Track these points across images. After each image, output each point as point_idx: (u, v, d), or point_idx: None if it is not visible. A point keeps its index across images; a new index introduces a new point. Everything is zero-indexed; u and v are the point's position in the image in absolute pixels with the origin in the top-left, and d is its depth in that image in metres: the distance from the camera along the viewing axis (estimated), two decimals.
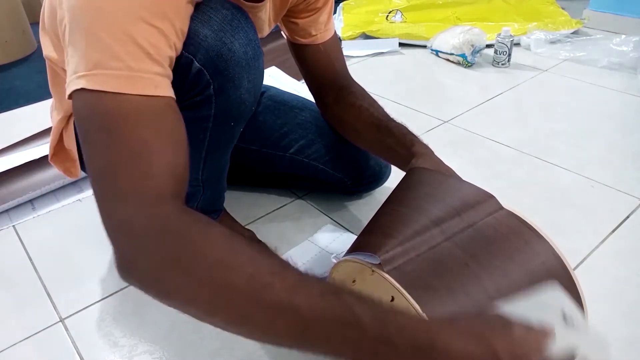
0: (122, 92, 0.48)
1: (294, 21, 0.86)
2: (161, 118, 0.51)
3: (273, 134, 0.98)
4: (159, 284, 0.46)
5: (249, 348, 0.75)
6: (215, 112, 0.68)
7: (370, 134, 0.85)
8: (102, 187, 0.49)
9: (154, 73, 0.50)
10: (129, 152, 0.48)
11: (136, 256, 0.46)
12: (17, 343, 0.78)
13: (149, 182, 0.48)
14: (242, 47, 0.65)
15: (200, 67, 0.62)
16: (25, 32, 2.08)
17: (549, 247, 0.57)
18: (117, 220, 0.47)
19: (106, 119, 0.49)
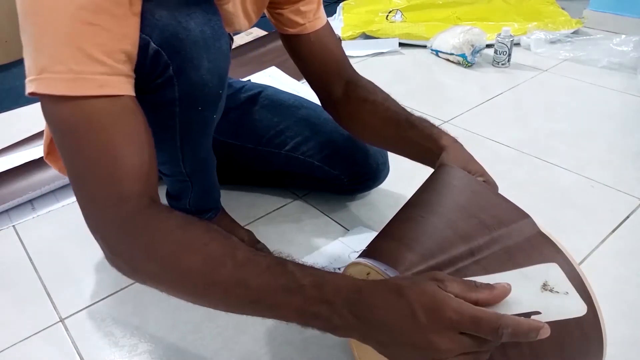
0: (68, 94, 0.50)
1: (279, 12, 0.83)
2: (118, 119, 0.53)
3: (269, 131, 0.98)
4: (135, 273, 0.54)
5: (249, 348, 0.75)
6: (180, 94, 0.68)
7: (390, 129, 0.80)
8: (76, 190, 0.55)
9: (98, 73, 0.51)
10: (90, 158, 0.52)
11: (112, 250, 0.53)
12: (17, 343, 0.78)
13: (112, 186, 0.52)
14: (199, 25, 0.64)
15: (157, 47, 0.62)
16: None
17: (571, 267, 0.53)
18: (93, 220, 0.54)
19: (64, 126, 0.52)
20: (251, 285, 0.48)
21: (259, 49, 1.77)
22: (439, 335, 0.43)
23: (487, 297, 0.45)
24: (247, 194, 1.09)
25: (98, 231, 0.53)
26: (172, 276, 0.51)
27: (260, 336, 0.77)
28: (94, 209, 0.53)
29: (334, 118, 0.92)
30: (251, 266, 0.49)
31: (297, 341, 0.75)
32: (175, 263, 0.50)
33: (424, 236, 0.55)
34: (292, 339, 0.76)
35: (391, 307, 0.44)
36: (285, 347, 0.75)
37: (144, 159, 0.54)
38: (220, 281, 0.49)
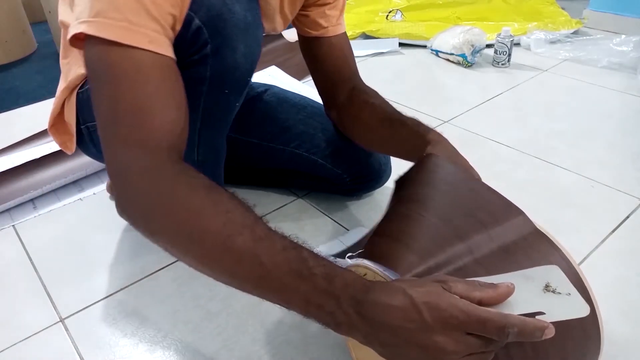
0: (118, 41, 0.51)
1: (305, 14, 0.86)
2: (160, 73, 0.54)
3: (274, 128, 0.99)
4: (146, 224, 0.53)
5: (249, 348, 0.75)
6: (211, 74, 0.69)
7: (384, 129, 0.83)
8: (107, 133, 0.54)
9: (151, 29, 0.53)
10: (130, 104, 0.52)
11: (129, 197, 0.52)
12: (17, 343, 0.78)
13: (148, 133, 0.52)
14: (243, 10, 0.67)
15: (200, 24, 0.64)
16: (25, 32, 2.08)
17: (568, 263, 0.54)
18: (118, 163, 0.53)
19: (109, 70, 0.53)
20: (263, 262, 0.47)
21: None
22: (445, 336, 0.42)
23: (491, 296, 0.45)
24: (247, 193, 1.09)
25: (122, 174, 0.52)
26: (187, 234, 0.50)
27: (260, 336, 0.77)
28: (123, 153, 0.52)
29: (335, 121, 0.95)
30: (267, 243, 0.48)
31: (297, 341, 0.76)
32: (195, 220, 0.49)
33: (423, 235, 0.55)
34: (292, 339, 0.76)
35: (396, 308, 0.44)
36: (285, 347, 0.75)
37: (181, 117, 0.55)
38: (235, 250, 0.48)
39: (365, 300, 0.45)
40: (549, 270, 0.50)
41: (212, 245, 0.49)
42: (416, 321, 0.43)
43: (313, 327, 0.77)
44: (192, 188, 0.51)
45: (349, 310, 0.45)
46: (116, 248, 0.96)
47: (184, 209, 0.50)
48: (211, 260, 0.50)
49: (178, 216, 0.50)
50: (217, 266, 0.50)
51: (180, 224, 0.50)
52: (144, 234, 0.53)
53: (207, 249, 0.49)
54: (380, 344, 0.46)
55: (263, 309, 0.81)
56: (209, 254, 0.49)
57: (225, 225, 0.49)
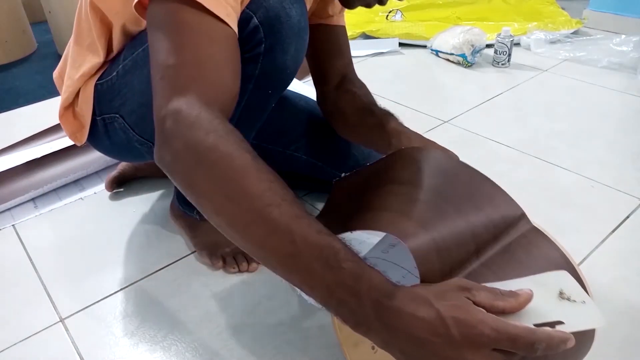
0: (202, 3, 0.54)
1: None
2: (227, 43, 0.57)
3: (274, 130, 0.99)
4: (187, 173, 0.51)
5: (249, 348, 0.75)
6: (259, 72, 0.71)
7: (354, 117, 0.87)
8: (166, 78, 0.54)
9: (229, 4, 0.57)
10: (194, 59, 0.54)
11: (175, 143, 0.51)
12: (17, 343, 0.78)
13: (207, 87, 0.54)
14: (298, 15, 0.69)
15: (258, 23, 0.66)
16: (25, 32, 2.08)
17: (566, 259, 0.55)
18: (172, 108, 0.52)
19: (183, 25, 0.55)
20: (296, 240, 0.46)
21: None
22: (473, 352, 0.42)
23: (512, 306, 0.44)
24: None
25: (170, 120, 0.51)
26: (227, 191, 0.48)
27: (260, 336, 0.77)
28: (179, 99, 0.52)
29: (320, 106, 0.96)
30: (304, 222, 0.47)
31: (297, 341, 0.76)
32: (237, 180, 0.48)
33: (440, 223, 0.54)
34: (292, 339, 0.76)
35: (422, 319, 0.43)
36: (285, 347, 0.75)
37: (236, 85, 0.58)
38: (270, 219, 0.46)
39: (389, 307, 0.44)
40: (560, 276, 0.49)
41: (248, 209, 0.47)
42: (443, 336, 0.42)
43: (313, 327, 0.77)
44: (240, 148, 0.50)
45: (371, 313, 0.44)
46: (116, 248, 0.96)
47: (230, 165, 0.49)
48: (243, 224, 0.48)
49: (222, 171, 0.49)
50: (248, 231, 0.48)
51: (222, 179, 0.49)
52: (180, 184, 0.52)
53: (243, 211, 0.48)
54: (402, 352, 0.45)
55: (263, 309, 0.81)
56: (243, 216, 0.48)
57: (266, 193, 0.48)
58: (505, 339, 0.42)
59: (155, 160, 0.54)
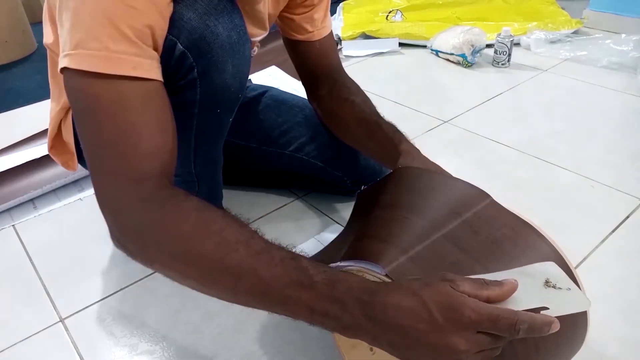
0: (101, 71, 0.50)
1: (290, 17, 0.86)
2: (145, 100, 0.53)
3: (273, 131, 0.99)
4: (141, 254, 0.53)
5: (249, 348, 0.75)
6: (201, 97, 0.68)
7: (359, 129, 0.85)
8: (93, 166, 0.54)
9: (132, 54, 0.52)
10: (114, 135, 0.52)
11: (122, 230, 0.53)
12: (17, 343, 0.78)
13: (134, 162, 0.52)
14: (226, 30, 0.65)
15: (184, 49, 0.62)
16: (25, 32, 2.08)
17: (553, 249, 0.56)
18: (105, 196, 0.53)
19: (92, 102, 0.52)
20: (262, 276, 0.47)
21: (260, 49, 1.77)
22: (457, 335, 0.43)
23: (497, 294, 0.45)
24: (247, 193, 1.09)
25: (111, 207, 0.53)
26: (183, 258, 0.50)
27: (260, 336, 0.77)
28: (111, 184, 0.52)
29: (315, 111, 0.96)
30: (264, 256, 0.48)
31: (297, 341, 0.75)
32: (188, 245, 0.49)
33: (406, 233, 0.57)
34: (292, 339, 0.76)
35: (406, 308, 0.44)
36: (285, 347, 0.75)
37: (168, 142, 0.55)
38: (232, 267, 0.48)
39: (373, 302, 0.45)
40: (547, 266, 0.51)
41: (208, 266, 0.49)
42: (427, 321, 0.43)
43: (313, 328, 0.77)
44: (182, 213, 0.51)
45: (356, 312, 0.45)
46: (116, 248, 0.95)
47: (176, 235, 0.50)
48: (211, 281, 0.50)
49: (171, 243, 0.50)
50: (217, 286, 0.50)
51: (174, 250, 0.50)
52: (143, 264, 0.54)
53: (205, 270, 0.49)
54: (390, 345, 0.46)
55: None
56: (207, 275, 0.50)
57: (220, 245, 0.49)
58: (486, 320, 0.43)
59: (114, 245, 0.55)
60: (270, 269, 0.47)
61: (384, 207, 0.64)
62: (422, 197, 0.63)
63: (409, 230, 0.57)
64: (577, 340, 0.56)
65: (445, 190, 0.64)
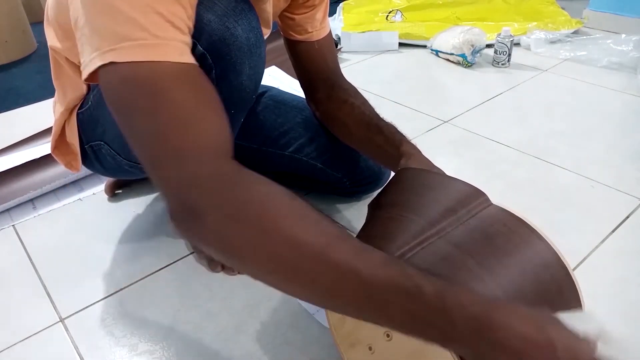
0: (151, 59, 0.48)
1: (291, 17, 0.86)
2: (196, 83, 0.52)
3: (273, 132, 0.99)
4: (222, 238, 0.46)
5: (249, 348, 0.75)
6: None
7: (360, 131, 0.86)
8: (156, 150, 0.49)
9: (179, 41, 0.51)
10: (173, 115, 0.48)
11: (203, 209, 0.46)
12: (17, 343, 0.78)
13: (205, 140, 0.49)
14: (245, 32, 0.66)
15: (203, 51, 0.63)
16: (25, 32, 2.08)
17: (546, 244, 0.57)
18: (182, 177, 0.47)
19: (147, 86, 0.49)
20: (365, 277, 0.43)
21: None
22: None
23: None
24: None
25: (189, 186, 0.47)
26: (277, 244, 0.44)
27: (260, 336, 0.77)
28: (181, 167, 0.47)
29: (314, 114, 0.97)
30: (367, 255, 0.44)
31: (297, 341, 0.75)
32: (286, 230, 0.44)
33: (395, 229, 0.58)
34: (292, 339, 0.76)
35: (531, 337, 0.41)
36: (285, 347, 0.75)
37: (225, 121, 0.52)
38: (334, 263, 0.43)
39: (491, 323, 0.42)
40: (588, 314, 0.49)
41: (307, 257, 0.44)
42: (548, 357, 0.41)
43: (313, 327, 0.77)
44: (274, 195, 0.47)
45: (466, 328, 0.42)
46: (116, 248, 0.96)
47: (272, 217, 0.45)
48: (305, 276, 0.45)
49: (265, 226, 0.44)
50: (311, 282, 0.45)
51: (267, 234, 0.44)
52: (219, 251, 0.48)
53: (301, 262, 0.44)
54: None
55: (263, 309, 0.81)
56: (302, 268, 0.44)
57: (321, 236, 0.44)
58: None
59: (181, 235, 0.50)
60: (373, 271, 0.43)
61: (384, 207, 0.65)
62: (419, 195, 0.64)
63: (404, 227, 0.58)
64: None
65: (442, 188, 0.64)
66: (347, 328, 0.64)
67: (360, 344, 0.63)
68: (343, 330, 0.65)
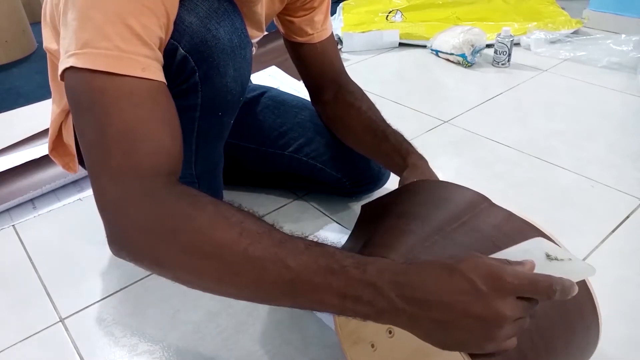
0: (110, 71, 0.49)
1: (290, 19, 0.86)
2: (153, 99, 0.52)
3: (272, 132, 0.99)
4: (150, 254, 0.48)
5: (249, 348, 0.75)
6: (202, 100, 0.68)
7: (367, 137, 0.86)
8: (95, 164, 0.50)
9: (142, 55, 0.51)
10: (121, 131, 0.49)
11: (128, 228, 0.48)
12: (17, 343, 0.78)
13: (141, 159, 0.49)
14: (227, 34, 0.65)
15: (185, 53, 0.62)
16: (25, 32, 2.08)
17: None
18: (111, 195, 0.49)
19: (98, 98, 0.49)
20: (290, 264, 0.44)
21: (259, 49, 1.77)
22: (503, 301, 0.42)
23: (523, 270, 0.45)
24: (247, 193, 1.09)
25: (114, 205, 0.48)
26: (199, 253, 0.46)
27: (260, 336, 0.77)
28: (116, 182, 0.48)
29: (320, 116, 0.97)
30: (289, 244, 0.46)
31: (297, 341, 0.75)
32: (206, 237, 0.46)
33: (400, 235, 0.58)
34: (292, 339, 0.76)
35: (447, 283, 0.43)
36: (285, 347, 0.75)
37: (175, 141, 0.53)
38: (257, 258, 0.45)
39: (409, 282, 0.44)
40: (540, 242, 0.52)
41: (231, 257, 0.45)
42: (471, 292, 0.43)
43: (313, 327, 0.77)
44: (197, 207, 0.48)
45: (391, 294, 0.44)
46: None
47: (192, 228, 0.46)
48: (233, 275, 0.46)
49: (186, 237, 0.46)
50: (239, 280, 0.46)
51: (189, 244, 0.46)
52: (150, 267, 0.49)
53: (227, 263, 0.46)
54: (431, 322, 0.44)
55: (263, 309, 0.81)
56: (229, 268, 0.46)
57: (242, 235, 0.46)
58: (527, 284, 0.43)
59: (115, 255, 0.50)
60: (297, 257, 0.45)
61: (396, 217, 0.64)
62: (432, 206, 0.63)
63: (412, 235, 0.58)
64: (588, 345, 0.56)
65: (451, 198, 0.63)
66: (351, 326, 0.64)
67: (363, 341, 0.63)
68: (348, 328, 0.65)
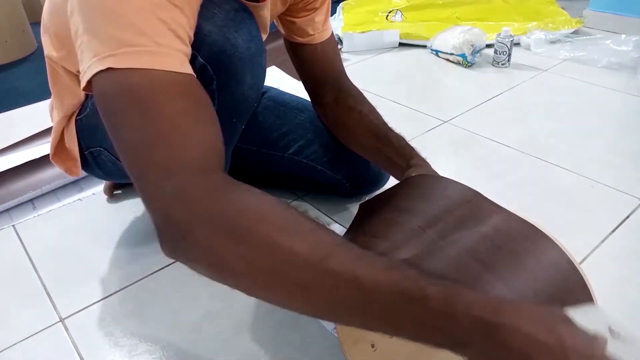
0: (151, 67, 0.47)
1: (292, 20, 0.86)
2: (193, 94, 0.51)
3: (272, 134, 0.98)
4: (214, 254, 0.44)
5: (249, 348, 0.75)
6: (218, 108, 0.68)
7: (369, 141, 0.86)
8: (143, 161, 0.47)
9: (179, 50, 0.50)
10: (168, 125, 0.47)
11: (192, 224, 0.44)
12: (17, 343, 0.78)
13: (194, 152, 0.47)
14: (245, 42, 0.65)
15: (204, 62, 0.62)
16: (25, 32, 2.08)
17: (553, 243, 0.56)
18: (169, 190, 0.45)
19: (140, 95, 0.47)
20: (365, 284, 0.41)
21: None
22: None
23: None
24: None
25: (175, 200, 0.45)
26: (270, 256, 0.42)
27: (260, 336, 0.77)
28: (168, 180, 0.45)
29: (321, 118, 0.97)
30: (366, 261, 0.42)
31: (297, 341, 0.75)
32: (279, 241, 0.42)
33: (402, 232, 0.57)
34: (292, 339, 0.76)
35: (540, 341, 0.40)
36: (285, 347, 0.75)
37: (220, 136, 0.51)
38: (334, 272, 0.41)
39: (498, 325, 0.40)
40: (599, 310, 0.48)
41: (302, 268, 0.42)
42: None
43: (313, 327, 0.77)
44: (266, 205, 0.45)
45: (472, 332, 0.40)
46: (116, 248, 0.96)
47: (264, 230, 0.43)
48: (301, 288, 0.43)
49: (258, 240, 0.43)
50: (307, 294, 0.43)
51: (260, 248, 0.43)
52: (209, 269, 0.45)
53: (297, 274, 0.42)
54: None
55: (263, 309, 0.81)
56: (298, 280, 0.42)
57: (316, 246, 0.42)
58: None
59: (168, 255, 0.47)
60: (374, 276, 0.41)
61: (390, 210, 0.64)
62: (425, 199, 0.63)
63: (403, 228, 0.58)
64: None
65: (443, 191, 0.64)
66: None
67: (363, 341, 0.63)
68: (348, 328, 0.65)
